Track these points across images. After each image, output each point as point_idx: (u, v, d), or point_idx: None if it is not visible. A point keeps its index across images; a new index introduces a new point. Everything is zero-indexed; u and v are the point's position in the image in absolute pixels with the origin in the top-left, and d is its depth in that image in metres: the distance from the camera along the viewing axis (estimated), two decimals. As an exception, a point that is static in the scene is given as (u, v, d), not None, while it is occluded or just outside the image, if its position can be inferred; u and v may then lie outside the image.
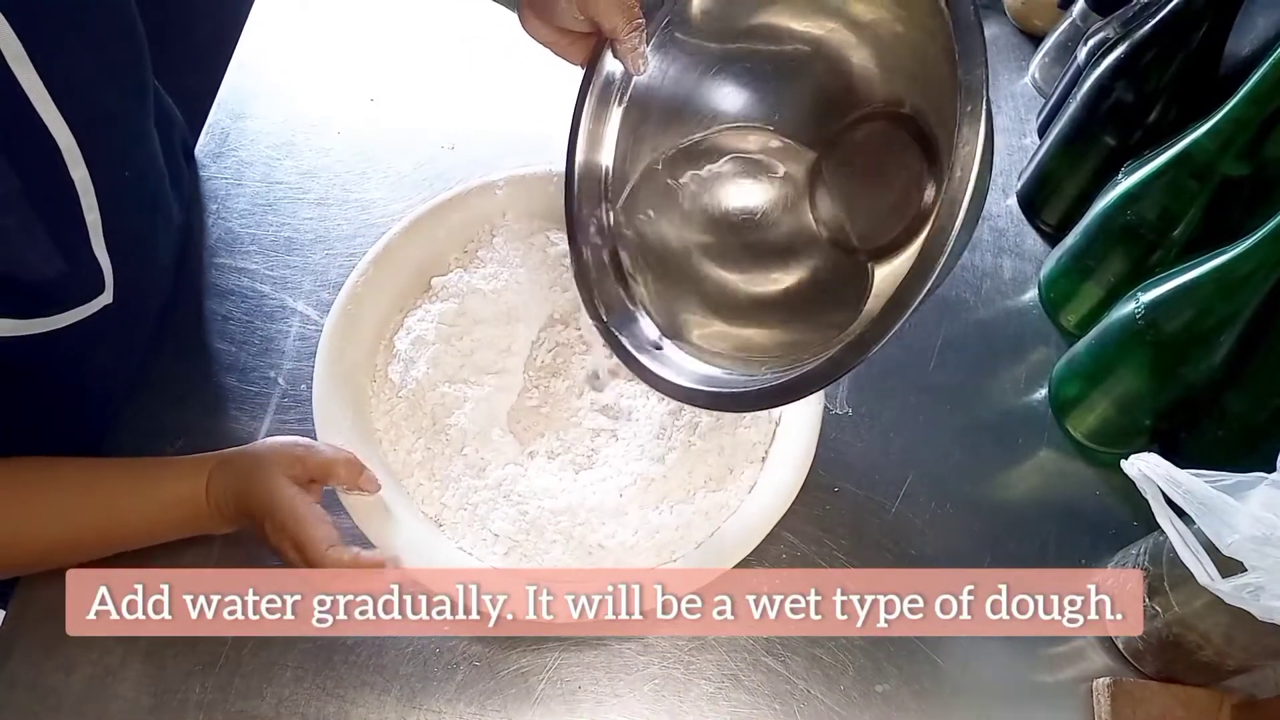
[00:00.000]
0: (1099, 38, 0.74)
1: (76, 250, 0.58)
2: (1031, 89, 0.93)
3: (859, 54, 0.61)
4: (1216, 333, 0.61)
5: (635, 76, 0.64)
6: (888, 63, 0.60)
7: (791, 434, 0.66)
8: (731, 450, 0.66)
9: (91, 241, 0.58)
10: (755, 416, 0.67)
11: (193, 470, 0.60)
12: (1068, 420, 0.73)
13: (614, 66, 0.64)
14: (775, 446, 0.66)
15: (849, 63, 0.61)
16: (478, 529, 0.63)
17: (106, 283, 0.60)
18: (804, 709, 0.63)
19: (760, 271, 0.68)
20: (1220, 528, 0.48)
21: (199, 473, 0.59)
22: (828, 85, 0.63)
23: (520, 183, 0.74)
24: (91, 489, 0.59)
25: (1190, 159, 0.63)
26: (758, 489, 0.65)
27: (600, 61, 0.63)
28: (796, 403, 0.66)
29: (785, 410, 0.67)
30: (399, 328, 0.70)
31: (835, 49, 0.61)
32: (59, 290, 0.57)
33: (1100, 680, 0.63)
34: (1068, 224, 0.79)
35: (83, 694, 0.60)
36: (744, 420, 0.66)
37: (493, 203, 0.74)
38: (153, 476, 0.60)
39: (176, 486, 0.59)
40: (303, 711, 0.61)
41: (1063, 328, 0.78)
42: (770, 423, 0.67)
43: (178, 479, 0.60)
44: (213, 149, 0.85)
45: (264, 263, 0.79)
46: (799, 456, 0.64)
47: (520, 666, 0.63)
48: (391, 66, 0.93)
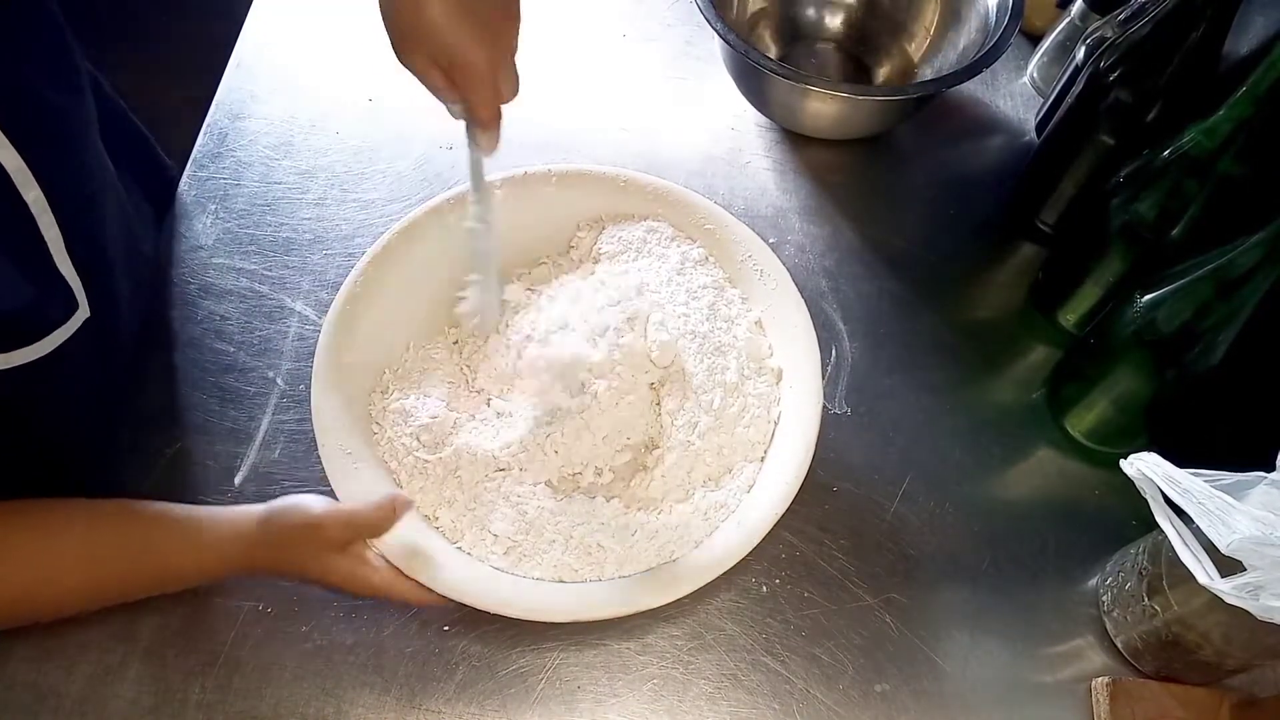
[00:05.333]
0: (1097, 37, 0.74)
1: (42, 273, 0.56)
2: (1030, 88, 0.93)
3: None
4: (1215, 332, 0.61)
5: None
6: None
7: (791, 432, 0.66)
8: (730, 450, 0.66)
9: (55, 260, 0.56)
10: (754, 415, 0.67)
11: (236, 543, 0.59)
12: (1067, 420, 0.73)
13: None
14: (774, 446, 0.66)
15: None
16: (477, 530, 0.63)
17: (79, 298, 0.59)
18: (803, 709, 0.63)
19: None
20: (1219, 527, 0.48)
21: (243, 546, 0.58)
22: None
23: (520, 183, 0.74)
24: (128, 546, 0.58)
25: (1189, 159, 0.63)
26: (756, 488, 0.65)
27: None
28: (796, 400, 0.66)
29: (784, 408, 0.67)
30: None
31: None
32: (34, 316, 0.56)
33: (1099, 680, 0.63)
34: (1066, 224, 0.80)
35: (83, 694, 0.60)
36: (743, 419, 0.66)
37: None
38: (194, 543, 0.59)
39: (220, 560, 0.59)
40: (302, 711, 0.61)
41: (1062, 327, 0.78)
42: (769, 422, 0.67)
43: (221, 552, 0.58)
44: (211, 149, 0.85)
45: (262, 263, 0.79)
46: (799, 455, 0.64)
47: (520, 666, 0.63)
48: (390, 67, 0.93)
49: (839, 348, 0.77)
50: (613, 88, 0.92)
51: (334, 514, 0.58)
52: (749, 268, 0.71)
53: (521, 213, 0.73)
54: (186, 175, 0.84)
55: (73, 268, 0.58)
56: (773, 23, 0.94)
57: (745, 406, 0.67)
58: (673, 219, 0.74)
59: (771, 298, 0.70)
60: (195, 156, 0.85)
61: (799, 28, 0.95)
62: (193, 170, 0.84)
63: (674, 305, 0.70)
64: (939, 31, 0.89)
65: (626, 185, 0.74)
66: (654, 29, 0.97)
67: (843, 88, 0.79)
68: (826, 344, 0.77)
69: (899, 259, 0.82)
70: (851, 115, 0.84)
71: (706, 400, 0.66)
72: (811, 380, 0.66)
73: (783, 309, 0.70)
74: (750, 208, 0.85)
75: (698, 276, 0.72)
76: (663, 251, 0.73)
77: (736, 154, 0.88)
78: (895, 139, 0.90)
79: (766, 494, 0.63)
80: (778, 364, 0.69)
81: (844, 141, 0.89)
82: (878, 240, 0.83)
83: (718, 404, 0.66)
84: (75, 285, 0.58)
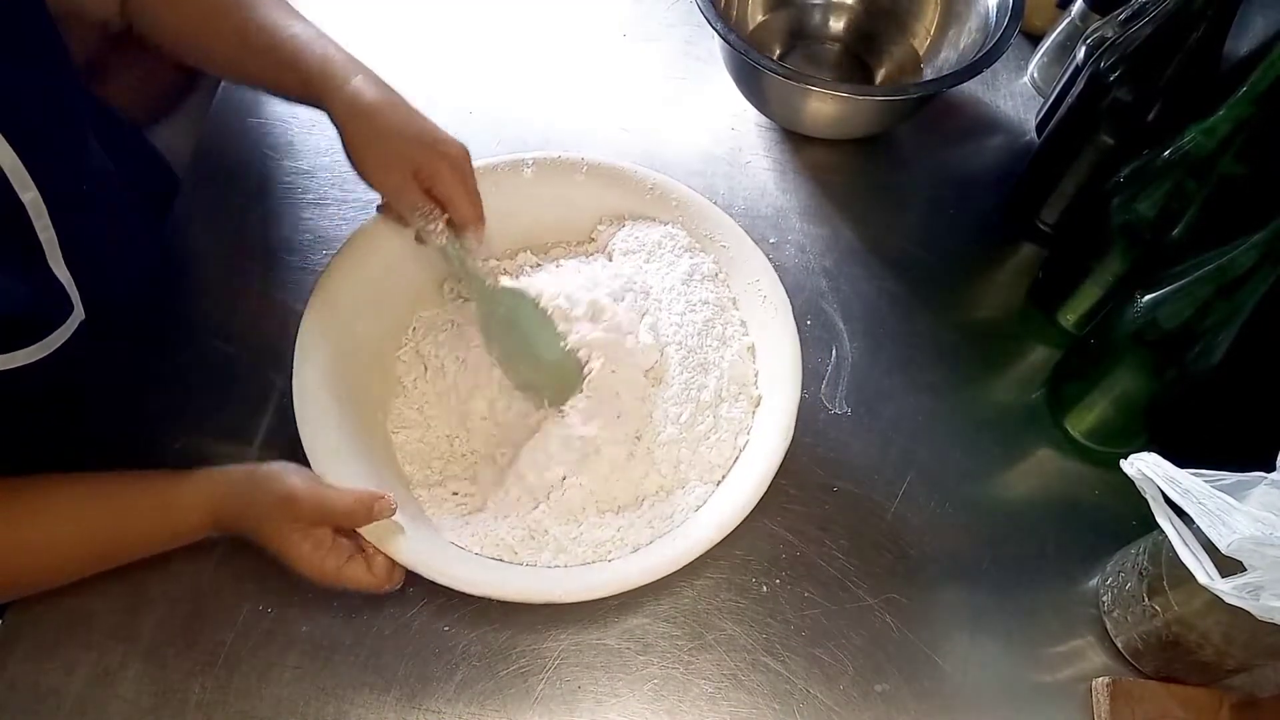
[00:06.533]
0: (1097, 37, 0.74)
1: (37, 275, 0.56)
2: (1030, 88, 0.93)
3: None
4: (1215, 332, 0.61)
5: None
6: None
7: (752, 460, 0.64)
8: (688, 466, 0.65)
9: (49, 262, 0.56)
10: (720, 438, 0.66)
11: (196, 500, 0.59)
12: (1067, 420, 0.73)
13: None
14: (732, 473, 0.65)
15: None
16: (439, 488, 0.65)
17: (74, 300, 0.59)
18: (803, 709, 0.63)
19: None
20: (1219, 527, 0.48)
21: (204, 505, 0.59)
22: None
23: (551, 166, 0.75)
24: (91, 515, 0.58)
25: (1189, 159, 0.63)
26: (705, 509, 0.64)
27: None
28: (765, 431, 0.65)
29: (753, 438, 0.66)
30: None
31: None
32: (30, 318, 0.56)
33: (1099, 680, 0.63)
34: (1066, 223, 0.80)
35: (83, 694, 0.60)
36: (709, 440, 0.66)
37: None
38: (157, 503, 0.60)
39: (184, 517, 0.59)
40: (301, 711, 0.61)
41: (1062, 327, 0.78)
42: (734, 448, 0.66)
43: (184, 509, 0.59)
44: (211, 149, 0.85)
45: (262, 263, 0.79)
46: (753, 482, 0.62)
47: (520, 666, 0.63)
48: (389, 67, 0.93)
49: (839, 348, 0.77)
50: (613, 88, 0.92)
51: (311, 494, 0.58)
52: (754, 291, 0.71)
53: (547, 195, 0.75)
54: (186, 175, 0.84)
55: (67, 270, 0.58)
56: (773, 23, 0.94)
57: (715, 427, 0.66)
58: (691, 228, 0.74)
59: (769, 327, 0.69)
60: (195, 156, 0.85)
61: (799, 28, 0.95)
62: (192, 170, 0.84)
63: (670, 314, 0.70)
64: (939, 31, 0.89)
65: (654, 189, 0.74)
66: (654, 29, 0.97)
67: (843, 87, 0.79)
68: (826, 344, 0.77)
69: (899, 259, 0.82)
70: (852, 115, 0.84)
71: (675, 412, 0.66)
72: (784, 415, 0.65)
73: (778, 341, 0.68)
74: (750, 207, 0.85)
75: (702, 291, 0.71)
76: (674, 259, 0.73)
77: (736, 154, 0.88)
78: (895, 139, 0.90)
79: (712, 516, 0.62)
80: (759, 392, 0.68)
81: (844, 141, 0.89)
82: (878, 240, 0.83)
83: (685, 418, 0.66)
84: (70, 287, 0.58)
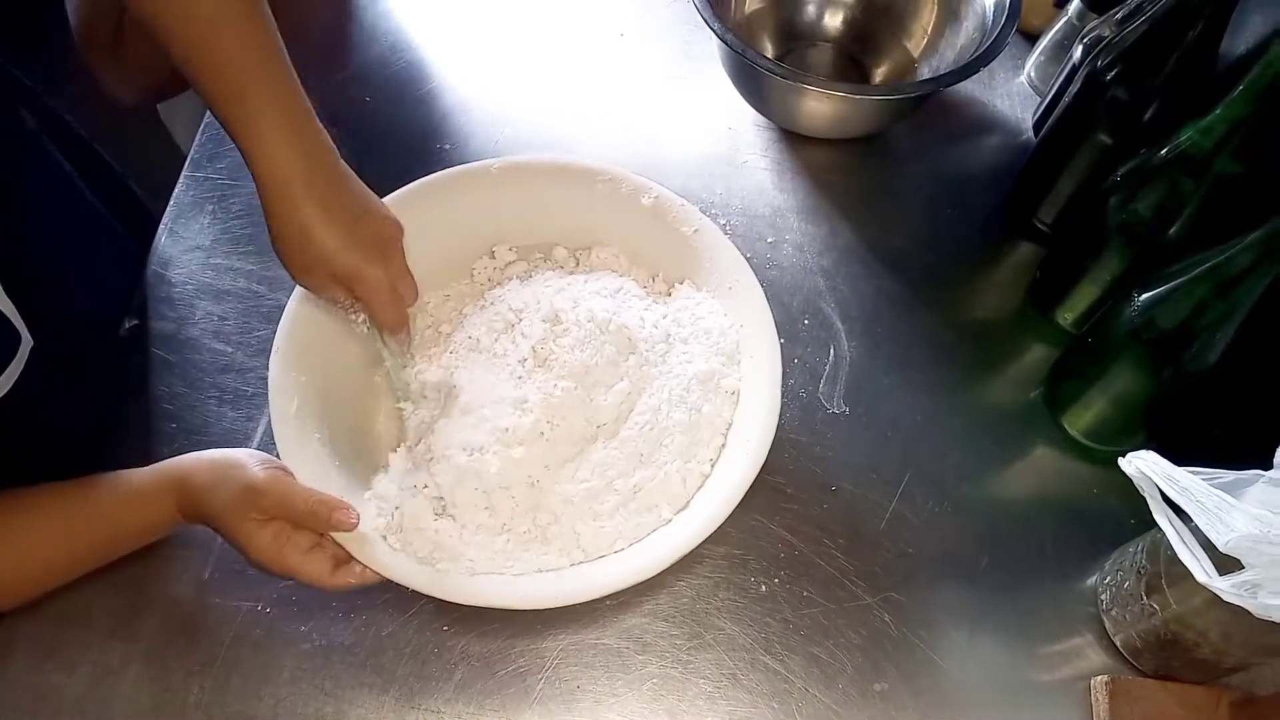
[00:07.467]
0: (1094, 36, 0.74)
1: None
2: (1027, 87, 0.93)
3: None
4: (1212, 330, 0.61)
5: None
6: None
7: (716, 489, 0.63)
8: (651, 490, 0.64)
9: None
10: (696, 456, 0.65)
11: (160, 491, 0.59)
12: (1065, 418, 0.73)
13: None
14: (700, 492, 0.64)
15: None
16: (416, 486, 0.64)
17: (19, 329, 0.57)
18: (802, 708, 0.63)
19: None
20: (1217, 525, 0.48)
21: (169, 495, 0.59)
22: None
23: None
24: (58, 523, 0.58)
25: (1186, 157, 0.63)
26: (671, 526, 0.62)
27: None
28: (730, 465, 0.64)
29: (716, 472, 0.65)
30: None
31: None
32: None
33: (1098, 678, 0.63)
34: (1063, 223, 0.80)
35: (83, 694, 0.60)
36: (673, 465, 0.64)
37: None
38: (121, 509, 0.59)
39: (149, 510, 0.59)
40: (301, 712, 0.61)
41: (1059, 326, 0.78)
42: (701, 475, 0.65)
43: (148, 502, 0.59)
44: (209, 150, 0.85)
45: (260, 263, 0.79)
46: (713, 509, 0.61)
47: (519, 666, 0.63)
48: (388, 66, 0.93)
49: (837, 347, 0.77)
50: (612, 88, 0.92)
51: (275, 488, 0.57)
52: (724, 287, 0.69)
53: (548, 197, 0.74)
54: (184, 176, 0.84)
55: (8, 298, 0.56)
56: (770, 23, 0.94)
57: (695, 423, 0.65)
58: (701, 281, 0.72)
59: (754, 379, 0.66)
60: (193, 157, 0.85)
61: (797, 28, 0.95)
62: (190, 171, 0.84)
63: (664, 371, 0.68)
64: (936, 31, 0.89)
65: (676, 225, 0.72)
66: (653, 29, 0.97)
67: (840, 87, 0.79)
68: (824, 343, 0.77)
69: (897, 258, 0.82)
70: (849, 115, 0.84)
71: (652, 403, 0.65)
72: (751, 461, 0.62)
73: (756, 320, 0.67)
74: (748, 207, 0.85)
75: (699, 348, 0.68)
76: (695, 312, 0.70)
77: (734, 153, 0.88)
78: (893, 138, 0.90)
79: (668, 540, 0.61)
80: (739, 384, 0.67)
81: (842, 141, 0.89)
82: (875, 239, 0.83)
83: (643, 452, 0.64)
84: (13, 315, 0.57)
